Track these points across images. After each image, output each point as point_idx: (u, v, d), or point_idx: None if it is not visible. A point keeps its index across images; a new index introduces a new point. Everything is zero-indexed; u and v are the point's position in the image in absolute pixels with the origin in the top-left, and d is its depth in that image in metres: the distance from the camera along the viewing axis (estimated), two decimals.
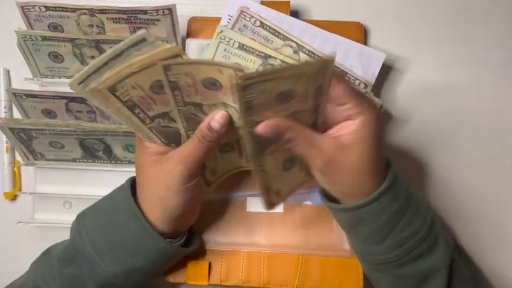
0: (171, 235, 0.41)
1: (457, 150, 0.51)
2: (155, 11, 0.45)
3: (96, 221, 0.40)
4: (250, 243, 0.47)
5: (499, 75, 0.52)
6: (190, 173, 0.37)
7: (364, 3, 0.53)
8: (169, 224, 0.40)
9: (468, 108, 0.52)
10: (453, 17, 0.53)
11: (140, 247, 0.39)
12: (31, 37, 0.47)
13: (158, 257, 0.40)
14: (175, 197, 0.38)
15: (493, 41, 0.53)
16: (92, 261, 0.38)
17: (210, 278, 0.46)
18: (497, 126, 0.52)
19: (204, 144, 0.37)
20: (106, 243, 0.39)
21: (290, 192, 0.41)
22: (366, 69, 0.48)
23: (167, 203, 0.38)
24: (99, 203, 0.42)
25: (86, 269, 0.39)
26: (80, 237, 0.39)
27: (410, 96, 0.52)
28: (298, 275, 0.45)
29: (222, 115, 0.36)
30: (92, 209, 0.42)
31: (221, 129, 0.36)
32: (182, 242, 0.43)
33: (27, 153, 0.49)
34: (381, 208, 0.36)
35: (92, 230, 0.39)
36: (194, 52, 0.49)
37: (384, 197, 0.36)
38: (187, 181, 0.37)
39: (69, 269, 0.39)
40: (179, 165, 0.37)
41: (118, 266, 0.39)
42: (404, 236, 0.37)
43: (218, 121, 0.36)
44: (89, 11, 0.46)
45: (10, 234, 0.52)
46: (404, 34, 0.53)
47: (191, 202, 0.39)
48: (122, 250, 0.39)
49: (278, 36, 0.48)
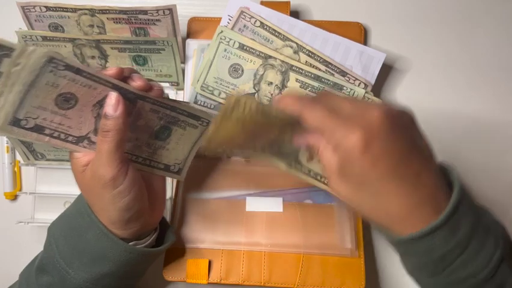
0: (136, 237, 0.39)
1: (456, 149, 0.51)
2: (156, 11, 0.45)
3: (62, 228, 0.39)
4: (250, 243, 0.46)
5: (499, 75, 0.52)
6: (112, 176, 0.34)
7: (364, 3, 0.54)
8: (124, 229, 0.37)
9: (468, 108, 0.52)
10: (453, 17, 0.53)
11: (103, 253, 0.37)
12: (32, 37, 0.47)
13: (124, 261, 0.38)
14: (112, 204, 0.35)
15: (492, 41, 0.53)
16: (62, 269, 0.37)
17: (210, 277, 0.45)
18: (497, 126, 0.52)
19: (108, 139, 0.33)
20: (72, 251, 0.37)
21: None
22: (366, 69, 0.48)
23: (108, 211, 0.36)
24: (67, 209, 0.40)
25: (58, 277, 0.37)
26: (50, 245, 0.38)
27: (410, 96, 0.52)
28: (299, 273, 0.45)
29: (113, 97, 0.33)
30: (60, 216, 0.40)
31: (119, 114, 0.33)
32: (151, 241, 0.41)
33: (28, 153, 0.49)
34: (431, 245, 0.30)
35: (60, 237, 0.38)
36: (194, 52, 0.49)
37: (438, 233, 0.30)
38: (113, 185, 0.35)
39: (45, 278, 0.38)
40: (97, 173, 0.34)
41: (86, 273, 0.37)
42: (461, 276, 0.31)
43: (110, 105, 0.33)
44: (89, 11, 0.46)
45: (10, 234, 0.52)
46: (404, 34, 0.53)
47: (137, 202, 0.37)
48: (87, 257, 0.37)
49: (278, 36, 0.48)
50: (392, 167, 0.30)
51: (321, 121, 0.31)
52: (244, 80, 0.47)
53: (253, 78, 0.47)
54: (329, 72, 0.47)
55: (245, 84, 0.47)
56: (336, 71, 0.47)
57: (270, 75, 0.47)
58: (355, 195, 0.32)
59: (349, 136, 0.30)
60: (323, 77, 0.46)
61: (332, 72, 0.47)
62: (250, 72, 0.47)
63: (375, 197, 0.31)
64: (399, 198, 0.30)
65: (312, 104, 0.32)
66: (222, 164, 0.50)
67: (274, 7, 0.48)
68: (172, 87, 0.51)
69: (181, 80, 0.50)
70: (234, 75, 0.47)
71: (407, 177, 0.30)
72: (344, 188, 0.32)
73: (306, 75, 0.46)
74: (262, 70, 0.46)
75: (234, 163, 0.50)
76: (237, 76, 0.47)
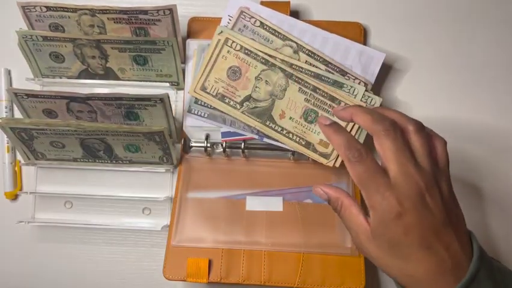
0: None
1: (456, 149, 0.51)
2: (156, 11, 0.46)
3: None
4: (250, 242, 0.47)
5: (499, 75, 0.53)
6: None
7: (364, 3, 0.54)
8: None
9: (467, 108, 0.52)
10: (453, 16, 0.53)
11: None
12: (32, 37, 0.47)
13: None
14: None
15: (492, 41, 0.53)
16: None
17: (210, 276, 0.46)
18: (496, 126, 0.52)
19: None
20: None
21: None
22: (365, 69, 0.48)
23: None
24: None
25: None
26: None
27: (410, 96, 0.52)
28: (299, 272, 0.46)
29: None
30: None
31: None
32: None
33: (28, 153, 0.49)
34: None
35: None
36: (194, 52, 0.49)
37: None
38: None
39: None
40: None
41: None
42: None
43: None
44: (90, 11, 0.46)
45: (11, 234, 0.52)
46: (404, 34, 0.53)
47: None
48: None
49: (278, 36, 0.48)
50: (424, 238, 0.31)
51: (363, 179, 0.33)
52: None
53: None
54: (329, 71, 0.47)
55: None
56: (336, 70, 0.47)
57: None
58: (384, 257, 0.33)
59: (387, 201, 0.31)
60: (323, 75, 0.47)
61: (332, 71, 0.47)
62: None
63: (404, 261, 0.32)
64: (428, 265, 0.31)
65: (360, 159, 0.33)
66: (222, 164, 0.50)
67: (274, 7, 0.49)
68: (172, 87, 0.51)
69: (181, 80, 0.50)
70: (232, 77, 0.47)
71: (438, 249, 0.31)
72: (374, 249, 0.33)
73: (307, 73, 0.47)
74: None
75: (234, 163, 0.50)
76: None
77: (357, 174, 0.33)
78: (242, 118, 0.47)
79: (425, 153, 0.33)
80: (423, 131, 0.34)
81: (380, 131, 0.33)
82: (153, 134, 0.45)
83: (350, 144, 0.34)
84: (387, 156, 0.33)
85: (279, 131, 0.47)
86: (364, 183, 0.33)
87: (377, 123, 0.34)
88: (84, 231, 0.51)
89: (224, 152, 0.49)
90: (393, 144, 0.33)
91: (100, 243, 0.51)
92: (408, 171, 0.32)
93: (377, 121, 0.34)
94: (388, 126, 0.33)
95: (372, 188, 0.32)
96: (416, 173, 0.32)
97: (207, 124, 0.48)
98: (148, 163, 0.49)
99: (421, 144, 0.33)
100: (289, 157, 0.49)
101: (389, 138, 0.33)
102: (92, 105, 0.46)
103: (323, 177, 0.49)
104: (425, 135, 0.34)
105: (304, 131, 0.47)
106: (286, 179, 0.49)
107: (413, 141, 0.34)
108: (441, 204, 0.32)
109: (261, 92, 0.47)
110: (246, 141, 0.49)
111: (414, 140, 0.34)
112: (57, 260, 0.51)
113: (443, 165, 0.34)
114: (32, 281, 0.51)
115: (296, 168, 0.49)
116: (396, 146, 0.33)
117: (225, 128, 0.48)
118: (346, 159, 0.34)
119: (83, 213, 0.51)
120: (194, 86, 0.47)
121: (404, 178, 0.32)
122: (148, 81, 0.51)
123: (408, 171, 0.32)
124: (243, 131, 0.48)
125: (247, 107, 0.47)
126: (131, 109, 0.46)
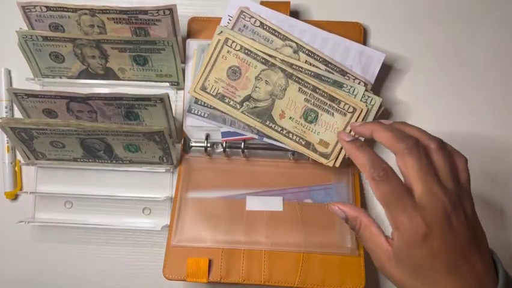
0: None
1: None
2: (156, 11, 0.46)
3: None
4: (250, 241, 0.47)
5: (499, 75, 0.53)
6: None
7: (364, 3, 0.54)
8: None
9: (468, 108, 0.52)
10: (453, 17, 0.53)
11: None
12: (32, 37, 0.47)
13: None
14: None
15: (492, 41, 0.53)
16: None
17: (210, 276, 0.46)
18: (496, 125, 0.52)
19: None
20: None
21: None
22: (365, 69, 0.48)
23: None
24: None
25: None
26: None
27: (410, 96, 0.52)
28: (299, 272, 0.46)
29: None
30: None
31: None
32: None
33: (28, 152, 0.49)
34: None
35: None
36: (194, 52, 0.49)
37: None
38: None
39: None
40: None
41: None
42: None
43: None
44: (90, 11, 0.46)
45: (11, 233, 0.52)
46: (404, 34, 0.53)
47: None
48: None
49: (278, 36, 0.48)
50: (452, 263, 0.31)
51: (389, 199, 0.32)
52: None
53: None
54: (329, 71, 0.47)
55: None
56: (336, 70, 0.47)
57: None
58: (408, 279, 0.32)
59: (414, 222, 0.31)
60: (322, 75, 0.47)
61: (332, 71, 0.47)
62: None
63: (429, 284, 0.31)
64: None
65: (385, 178, 0.32)
66: (222, 164, 0.50)
67: (274, 7, 0.49)
68: (172, 87, 0.51)
69: (181, 80, 0.50)
70: (232, 77, 0.47)
71: (465, 272, 0.31)
72: (396, 271, 0.32)
73: (307, 73, 0.47)
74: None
75: (234, 163, 0.50)
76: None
77: (383, 193, 0.32)
78: (242, 118, 0.47)
79: (448, 171, 0.33)
80: (445, 149, 0.34)
81: (403, 149, 0.33)
82: (153, 134, 0.45)
83: (374, 162, 0.33)
84: (411, 175, 0.32)
85: (279, 130, 0.47)
86: (389, 203, 0.32)
87: (399, 141, 0.33)
88: (84, 231, 0.51)
89: (224, 151, 0.49)
90: (417, 162, 0.32)
91: (100, 243, 0.51)
92: (433, 190, 0.31)
93: (399, 139, 0.33)
94: (411, 144, 0.33)
95: (398, 209, 0.31)
96: (441, 192, 0.31)
97: (207, 124, 0.49)
98: (148, 163, 0.49)
99: (444, 163, 0.33)
100: (289, 157, 0.49)
101: (413, 157, 0.32)
102: (92, 105, 0.46)
103: (323, 177, 0.49)
104: (447, 153, 0.34)
105: (304, 131, 0.47)
106: (286, 179, 0.49)
107: (436, 160, 0.33)
108: (466, 225, 0.32)
109: (261, 92, 0.47)
110: (246, 141, 0.49)
111: (437, 158, 0.33)
112: (58, 259, 0.51)
113: (465, 184, 0.34)
114: (32, 280, 0.51)
115: (296, 168, 0.50)
116: (420, 165, 0.32)
117: (225, 127, 0.48)
118: (370, 178, 0.33)
119: (83, 213, 0.51)
120: (194, 85, 0.47)
121: (430, 198, 0.31)
122: (148, 81, 0.51)
123: (433, 191, 0.31)
124: (243, 131, 0.48)
125: (247, 106, 0.47)
126: (131, 109, 0.46)
